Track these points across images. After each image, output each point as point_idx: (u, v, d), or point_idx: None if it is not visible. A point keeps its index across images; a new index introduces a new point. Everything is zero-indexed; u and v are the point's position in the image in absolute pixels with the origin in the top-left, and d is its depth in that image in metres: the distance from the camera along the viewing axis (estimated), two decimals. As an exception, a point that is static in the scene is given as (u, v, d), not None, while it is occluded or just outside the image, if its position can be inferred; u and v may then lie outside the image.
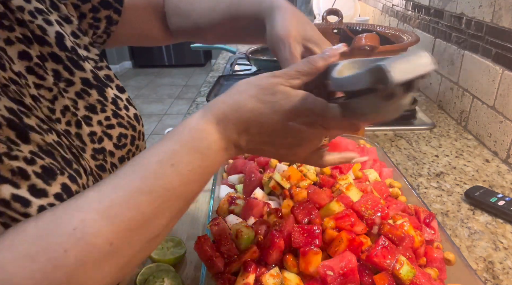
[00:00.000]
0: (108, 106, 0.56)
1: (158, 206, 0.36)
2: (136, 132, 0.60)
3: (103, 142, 0.54)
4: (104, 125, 0.55)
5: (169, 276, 0.59)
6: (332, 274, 0.46)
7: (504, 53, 0.93)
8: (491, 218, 0.75)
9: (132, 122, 0.59)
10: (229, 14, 0.59)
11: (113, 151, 0.56)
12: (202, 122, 0.38)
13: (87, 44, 0.58)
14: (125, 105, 0.59)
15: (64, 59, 0.52)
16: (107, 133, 0.55)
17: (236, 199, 0.64)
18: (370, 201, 0.55)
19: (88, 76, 0.55)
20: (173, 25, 0.68)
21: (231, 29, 0.62)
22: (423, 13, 1.42)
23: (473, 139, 1.06)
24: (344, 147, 0.74)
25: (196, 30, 0.66)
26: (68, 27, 0.56)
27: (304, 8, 2.28)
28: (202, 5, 0.63)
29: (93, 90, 0.55)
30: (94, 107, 0.55)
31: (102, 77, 0.57)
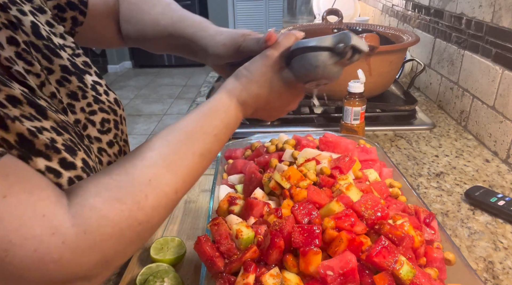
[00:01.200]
0: (88, 92, 0.58)
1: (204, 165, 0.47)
2: (118, 116, 0.62)
3: (87, 129, 0.56)
4: (87, 112, 0.57)
5: (169, 276, 0.59)
6: (332, 274, 0.46)
7: (504, 53, 0.93)
8: (491, 218, 0.75)
9: (113, 106, 0.61)
10: (171, 30, 0.65)
11: (99, 137, 0.58)
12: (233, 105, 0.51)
13: (62, 32, 0.59)
14: (105, 90, 0.61)
15: (42, 48, 0.53)
16: (90, 119, 0.57)
17: (236, 199, 0.64)
18: (370, 201, 0.55)
19: (66, 63, 0.56)
20: (123, 30, 0.72)
21: (172, 44, 0.68)
22: (423, 13, 1.42)
23: (473, 139, 1.06)
24: (344, 147, 0.73)
25: (143, 39, 0.71)
26: (42, 17, 0.57)
27: (304, 8, 2.28)
28: (150, 16, 0.68)
29: (73, 77, 0.56)
30: (75, 94, 0.56)
31: (80, 64, 0.59)
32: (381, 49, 1.05)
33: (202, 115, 0.48)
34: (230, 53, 0.59)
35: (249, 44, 0.57)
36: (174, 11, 0.67)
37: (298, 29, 1.35)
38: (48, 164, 0.41)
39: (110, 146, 0.59)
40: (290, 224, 0.52)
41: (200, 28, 0.62)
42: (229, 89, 0.51)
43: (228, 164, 0.79)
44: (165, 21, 0.66)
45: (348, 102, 0.97)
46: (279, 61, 0.52)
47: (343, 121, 1.00)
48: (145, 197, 0.40)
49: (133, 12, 0.70)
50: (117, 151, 0.61)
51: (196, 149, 0.46)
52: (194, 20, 0.64)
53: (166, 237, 0.68)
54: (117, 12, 0.71)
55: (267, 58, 0.52)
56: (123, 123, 0.64)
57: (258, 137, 0.86)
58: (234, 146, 0.85)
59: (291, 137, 0.78)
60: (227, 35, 0.60)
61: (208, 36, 0.61)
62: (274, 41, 0.53)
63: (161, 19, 0.66)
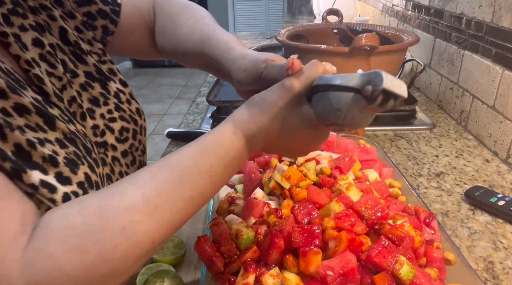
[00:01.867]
0: (110, 99, 0.57)
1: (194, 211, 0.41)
2: (138, 126, 0.61)
3: (105, 135, 0.55)
4: (107, 119, 0.56)
5: (169, 276, 0.59)
6: (332, 274, 0.46)
7: (504, 53, 0.93)
8: (491, 218, 0.75)
9: (134, 116, 0.60)
10: (200, 48, 0.60)
11: (115, 145, 0.56)
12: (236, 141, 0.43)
13: (91, 38, 0.59)
14: (128, 99, 0.60)
15: (68, 53, 0.54)
16: (109, 126, 0.56)
17: (236, 199, 0.64)
18: (370, 201, 0.55)
19: (91, 70, 0.56)
20: (158, 43, 0.69)
21: (203, 63, 0.64)
22: (423, 13, 1.42)
23: (473, 139, 1.06)
24: (344, 147, 0.74)
25: (175, 53, 0.67)
26: (71, 22, 0.57)
27: (304, 8, 2.28)
28: (181, 31, 0.64)
29: (96, 83, 0.56)
30: (97, 100, 0.56)
31: (105, 71, 0.59)
32: (381, 49, 1.05)
33: (199, 150, 0.41)
34: (251, 80, 0.52)
35: (272, 71, 0.49)
36: (205, 26, 0.61)
37: (298, 29, 1.35)
38: (44, 178, 0.39)
39: (124, 155, 0.58)
40: (290, 224, 0.52)
41: (226, 49, 0.56)
42: (236, 119, 0.44)
43: (228, 164, 0.79)
44: (195, 37, 0.61)
45: (348, 102, 0.97)
46: (299, 95, 0.44)
47: (343, 121, 0.99)
48: (113, 248, 0.35)
49: (167, 26, 0.66)
50: (130, 161, 0.60)
51: (185, 192, 0.39)
52: (220, 40, 0.58)
53: (166, 237, 0.68)
54: (153, 23, 0.69)
55: (284, 89, 0.44)
56: (143, 133, 0.63)
57: (258, 137, 0.86)
58: (234, 146, 0.85)
59: (291, 137, 0.78)
60: (250, 60, 0.52)
61: (232, 59, 0.54)
62: (297, 69, 0.45)
63: (191, 35, 0.62)
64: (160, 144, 3.30)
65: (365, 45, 1.02)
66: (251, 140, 0.44)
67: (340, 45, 1.40)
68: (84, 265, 0.34)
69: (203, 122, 1.20)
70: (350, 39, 1.09)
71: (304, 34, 1.37)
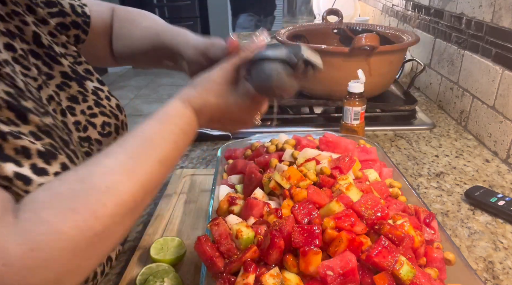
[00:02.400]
0: (89, 96, 0.60)
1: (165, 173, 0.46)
2: (119, 121, 0.64)
3: (88, 130, 0.58)
4: (87, 114, 0.59)
5: (169, 276, 0.59)
6: (332, 274, 0.46)
7: (504, 53, 0.93)
8: (491, 218, 0.75)
9: (114, 111, 0.63)
10: (156, 42, 0.69)
11: (99, 139, 0.59)
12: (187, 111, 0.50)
13: (65, 42, 0.62)
14: (106, 96, 0.63)
15: (42, 55, 0.56)
16: (91, 121, 0.59)
17: (236, 199, 0.64)
18: (370, 201, 0.55)
19: (66, 70, 0.59)
20: (115, 48, 0.76)
21: (159, 56, 0.72)
22: (423, 13, 1.42)
23: (473, 139, 1.06)
24: (344, 147, 0.73)
25: (132, 54, 0.75)
26: (44, 28, 0.59)
27: (304, 8, 2.28)
28: (137, 31, 0.73)
29: (73, 82, 0.59)
30: (75, 97, 0.59)
31: (81, 71, 0.62)
32: (381, 49, 1.05)
33: (158, 121, 0.48)
34: (201, 60, 0.62)
35: (216, 52, 0.58)
36: (159, 25, 0.71)
37: (298, 29, 1.35)
38: (18, 170, 0.40)
39: None
40: (290, 224, 0.52)
41: (178, 35, 0.66)
42: (183, 96, 0.51)
43: (228, 164, 0.79)
44: (151, 33, 0.70)
45: (348, 102, 0.97)
46: (236, 71, 0.53)
47: (343, 121, 1.00)
48: (103, 206, 0.37)
49: (124, 29, 0.74)
50: None
51: (155, 155, 0.44)
52: (175, 30, 0.68)
53: (166, 237, 0.68)
54: (111, 30, 0.75)
55: (223, 68, 0.53)
56: (125, 128, 0.66)
57: (258, 137, 0.86)
58: (234, 146, 0.85)
59: (291, 137, 0.78)
60: (201, 42, 0.63)
61: (183, 42, 0.64)
62: (235, 48, 0.54)
63: (147, 33, 0.71)
64: None
65: (365, 45, 1.02)
66: (198, 114, 0.51)
67: (340, 45, 1.40)
68: (78, 224, 0.35)
69: (203, 122, 1.20)
70: (350, 39, 1.09)
71: (304, 34, 1.37)
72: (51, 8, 0.62)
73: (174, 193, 0.83)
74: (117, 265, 0.67)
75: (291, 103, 1.19)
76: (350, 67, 1.05)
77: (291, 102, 1.19)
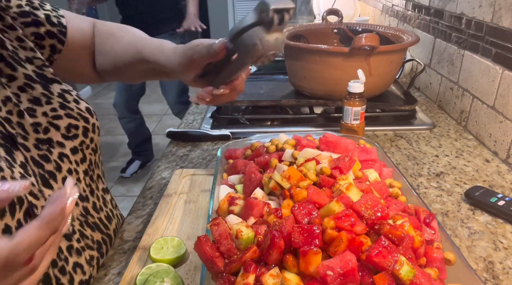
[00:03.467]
0: (54, 99, 0.60)
1: None
2: (90, 124, 0.64)
3: (49, 132, 0.58)
4: (50, 116, 0.59)
5: (169, 276, 0.59)
6: (332, 274, 0.46)
7: (504, 53, 0.93)
8: (491, 218, 0.75)
9: (83, 114, 0.63)
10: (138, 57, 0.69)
11: (62, 142, 0.59)
12: None
13: (33, 46, 0.62)
14: (75, 99, 0.63)
15: (6, 57, 0.57)
16: (54, 123, 0.59)
17: (236, 199, 0.64)
18: (370, 201, 0.55)
19: (30, 73, 0.59)
20: (98, 63, 0.76)
21: (144, 71, 0.73)
22: (423, 13, 1.42)
23: (473, 139, 1.06)
24: (344, 147, 0.73)
25: (114, 68, 0.75)
26: (12, 33, 0.60)
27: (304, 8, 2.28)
28: (119, 46, 0.73)
29: (37, 85, 0.59)
30: (38, 99, 0.59)
31: (49, 74, 0.62)
32: (381, 49, 1.05)
33: None
34: (189, 68, 0.63)
35: (201, 54, 0.59)
36: (139, 40, 0.71)
37: (298, 29, 1.35)
38: None
39: (74, 152, 0.61)
40: (290, 224, 0.52)
41: (159, 52, 0.66)
42: None
43: (228, 164, 0.79)
44: (132, 49, 0.70)
45: (348, 102, 0.97)
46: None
47: (343, 121, 1.00)
48: None
49: (106, 45, 0.74)
50: (80, 159, 0.63)
51: None
52: (153, 46, 0.68)
53: (166, 237, 0.68)
54: (93, 45, 0.75)
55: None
56: (96, 132, 0.66)
57: (258, 137, 0.86)
58: (234, 146, 0.85)
59: (291, 137, 0.78)
60: (180, 53, 0.63)
61: (165, 59, 0.65)
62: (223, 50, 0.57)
63: (129, 48, 0.71)
64: (160, 144, 3.29)
65: (365, 45, 1.02)
66: None
67: (340, 45, 1.40)
68: None
69: (203, 122, 1.20)
70: (350, 39, 1.09)
71: (304, 34, 1.37)
72: (24, 18, 0.63)
73: (174, 193, 0.83)
74: (117, 265, 0.67)
75: (291, 103, 1.19)
76: (350, 67, 1.05)
77: (291, 102, 1.19)
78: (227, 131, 1.08)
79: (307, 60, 1.11)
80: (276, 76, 1.42)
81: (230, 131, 1.09)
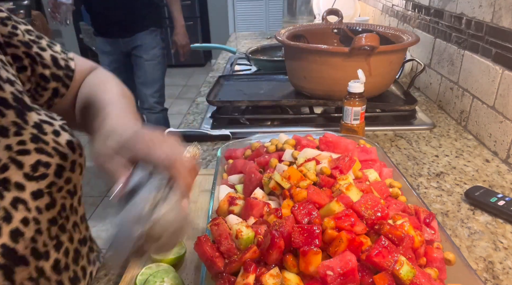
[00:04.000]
0: (27, 129, 0.51)
1: None
2: (67, 161, 0.53)
3: (7, 171, 0.48)
4: (15, 151, 0.49)
5: (169, 276, 0.59)
6: (332, 274, 0.46)
7: (504, 53, 0.93)
8: (491, 218, 0.75)
9: (61, 149, 0.52)
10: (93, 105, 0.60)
11: (22, 183, 0.48)
12: None
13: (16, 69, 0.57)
14: (56, 130, 0.53)
15: None
16: (17, 160, 0.49)
17: (236, 199, 0.64)
18: (370, 201, 0.55)
19: (6, 97, 0.51)
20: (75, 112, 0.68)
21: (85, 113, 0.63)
22: (423, 13, 1.42)
23: (473, 139, 1.06)
24: (344, 147, 0.73)
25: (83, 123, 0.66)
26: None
27: (304, 8, 2.28)
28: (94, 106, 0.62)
29: (10, 111, 0.50)
30: (5, 129, 0.49)
31: (29, 101, 0.54)
32: (381, 49, 1.05)
33: None
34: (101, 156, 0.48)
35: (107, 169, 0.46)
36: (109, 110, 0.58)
37: (298, 29, 1.35)
38: None
39: (36, 197, 0.49)
40: (290, 224, 0.52)
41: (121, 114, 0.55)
42: None
43: (228, 164, 0.79)
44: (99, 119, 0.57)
45: (348, 102, 0.97)
46: None
47: (343, 121, 1.00)
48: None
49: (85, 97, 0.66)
50: (45, 204, 0.51)
51: None
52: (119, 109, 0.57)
53: (166, 237, 0.68)
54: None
55: None
56: (76, 171, 0.55)
57: (258, 137, 0.86)
58: (234, 146, 0.85)
59: (291, 137, 0.78)
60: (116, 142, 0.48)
61: (114, 123, 0.52)
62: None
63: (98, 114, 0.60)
64: None
65: (365, 45, 1.02)
66: None
67: (340, 45, 1.40)
68: None
69: (203, 122, 1.20)
70: (350, 39, 1.09)
71: (304, 34, 1.37)
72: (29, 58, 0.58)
73: (174, 193, 0.83)
74: (117, 265, 0.67)
75: (291, 103, 1.19)
76: (350, 67, 1.05)
77: (291, 102, 1.19)
78: (227, 131, 1.08)
79: (307, 60, 1.11)
80: (276, 76, 1.42)
81: (230, 131, 1.09)
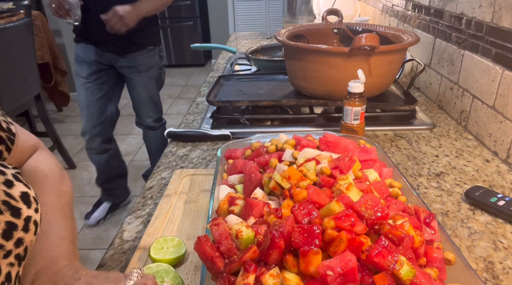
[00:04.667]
0: None
1: None
2: (20, 218, 0.43)
3: None
4: None
5: (169, 276, 0.59)
6: (332, 274, 0.46)
7: (504, 53, 0.93)
8: (491, 218, 0.75)
9: (13, 203, 0.43)
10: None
11: None
12: None
13: None
14: (8, 180, 0.44)
15: None
16: None
17: (236, 199, 0.64)
18: (370, 201, 0.55)
19: None
20: None
21: None
22: (423, 13, 1.42)
23: (473, 139, 1.06)
24: (344, 147, 0.73)
25: None
26: None
27: (304, 8, 2.28)
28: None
29: None
30: None
31: None
32: (381, 49, 1.05)
33: None
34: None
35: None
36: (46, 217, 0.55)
37: (298, 29, 1.35)
38: None
39: None
40: (290, 224, 0.52)
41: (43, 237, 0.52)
42: None
43: (228, 164, 0.79)
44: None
45: (348, 102, 0.97)
46: None
47: (343, 121, 1.00)
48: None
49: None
50: None
51: None
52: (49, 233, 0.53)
53: (166, 237, 0.68)
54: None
55: None
56: (29, 230, 0.44)
57: (258, 137, 0.86)
58: (234, 146, 0.85)
59: (291, 137, 0.78)
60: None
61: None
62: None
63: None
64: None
65: (365, 45, 1.02)
66: None
67: (340, 45, 1.40)
68: None
69: (203, 122, 1.20)
70: (350, 39, 1.09)
71: (304, 34, 1.37)
72: None
73: (174, 193, 0.83)
74: (117, 265, 0.67)
75: (291, 103, 1.19)
76: (350, 67, 1.05)
77: (291, 102, 1.19)
78: (227, 131, 1.08)
79: (307, 60, 1.11)
80: (276, 76, 1.42)
81: (230, 131, 1.09)
